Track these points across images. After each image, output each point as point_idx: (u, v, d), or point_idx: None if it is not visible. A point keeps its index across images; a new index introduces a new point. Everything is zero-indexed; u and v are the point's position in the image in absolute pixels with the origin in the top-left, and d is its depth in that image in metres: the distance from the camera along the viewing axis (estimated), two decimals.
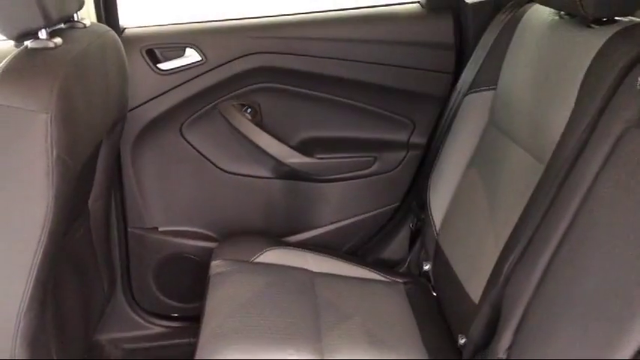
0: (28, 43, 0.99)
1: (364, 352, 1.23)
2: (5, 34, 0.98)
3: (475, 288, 1.18)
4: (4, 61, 0.95)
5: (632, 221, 0.79)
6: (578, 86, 1.01)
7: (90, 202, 1.35)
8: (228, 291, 1.38)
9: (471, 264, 1.25)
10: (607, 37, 0.99)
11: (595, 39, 1.02)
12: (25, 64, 0.95)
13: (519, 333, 0.97)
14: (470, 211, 1.35)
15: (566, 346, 0.83)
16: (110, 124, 1.26)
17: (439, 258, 1.42)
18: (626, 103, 0.88)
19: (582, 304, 0.83)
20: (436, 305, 1.44)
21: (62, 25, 1.12)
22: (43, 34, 0.99)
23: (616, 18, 1.04)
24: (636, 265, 0.75)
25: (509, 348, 0.99)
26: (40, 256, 0.96)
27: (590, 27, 1.06)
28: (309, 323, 1.29)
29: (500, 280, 1.06)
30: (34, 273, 0.97)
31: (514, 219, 1.09)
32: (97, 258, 1.44)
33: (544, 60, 1.17)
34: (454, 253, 1.35)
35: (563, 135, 1.01)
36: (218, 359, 1.18)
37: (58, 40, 1.01)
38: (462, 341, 1.21)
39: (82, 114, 1.00)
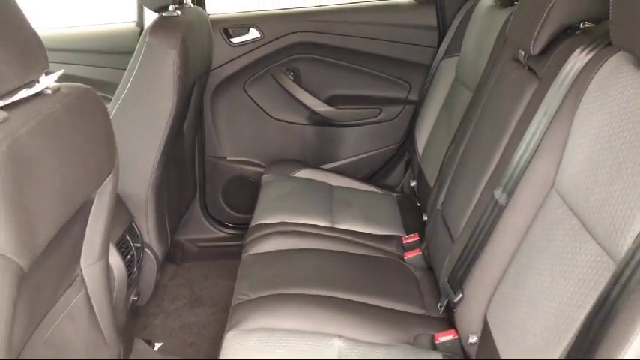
0: (162, 13, 1.68)
1: (360, 224, 1.87)
2: (150, 8, 1.68)
3: (434, 179, 1.79)
4: (150, 23, 1.65)
5: (495, 109, 1.39)
6: (494, 42, 1.63)
7: (185, 126, 2.04)
8: (273, 190, 2.05)
9: (433, 167, 1.87)
10: (510, 13, 1.60)
11: (506, 14, 1.62)
12: (163, 24, 1.64)
13: (447, 191, 1.58)
14: (438, 138, 1.96)
15: (465, 184, 1.44)
16: (202, 71, 1.95)
17: (420, 174, 2.03)
18: (508, 47, 1.48)
19: (474, 158, 1.44)
20: (418, 210, 2.05)
21: (177, 5, 1.82)
22: (171, 7, 1.68)
23: None
24: (499, 134, 1.35)
25: (443, 203, 1.60)
26: (165, 135, 1.64)
27: (506, 7, 1.67)
28: (325, 208, 1.93)
29: (443, 165, 1.68)
30: (161, 147, 1.65)
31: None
32: (187, 167, 2.14)
33: (483, 29, 1.79)
34: (428, 168, 1.97)
35: (483, 72, 1.63)
36: (265, 222, 1.83)
37: (179, 12, 1.71)
38: (425, 218, 1.82)
39: (191, 55, 1.69)
